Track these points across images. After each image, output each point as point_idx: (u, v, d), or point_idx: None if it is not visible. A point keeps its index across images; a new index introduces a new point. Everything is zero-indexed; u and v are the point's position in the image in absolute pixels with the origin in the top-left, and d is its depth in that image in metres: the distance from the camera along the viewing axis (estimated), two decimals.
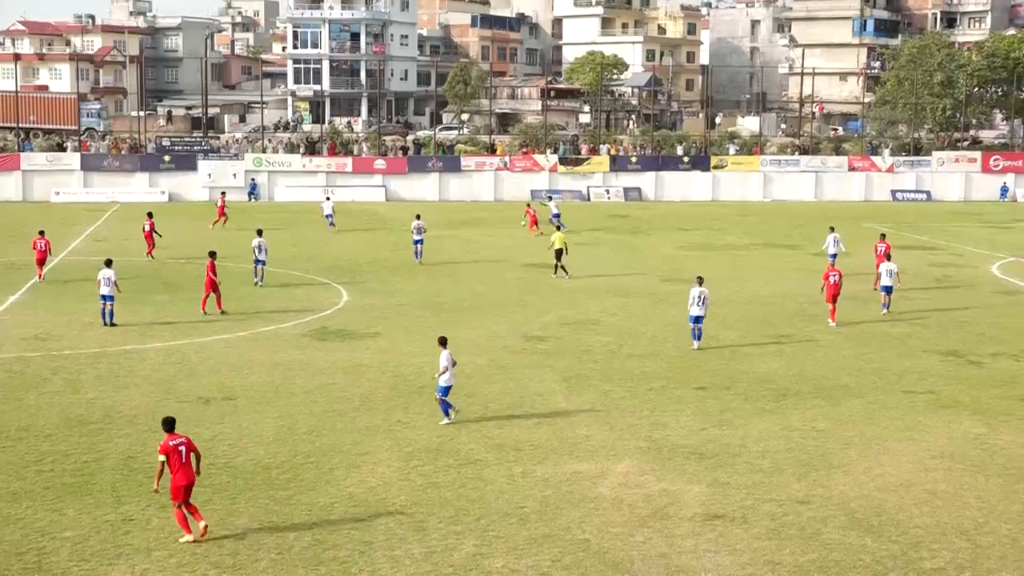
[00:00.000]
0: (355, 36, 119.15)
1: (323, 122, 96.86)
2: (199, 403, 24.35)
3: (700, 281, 30.63)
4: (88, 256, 46.07)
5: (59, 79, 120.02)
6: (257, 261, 40.05)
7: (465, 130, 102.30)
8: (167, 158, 74.46)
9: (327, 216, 58.05)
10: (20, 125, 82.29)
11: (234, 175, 73.90)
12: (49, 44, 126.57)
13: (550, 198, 64.68)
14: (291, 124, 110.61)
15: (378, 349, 29.93)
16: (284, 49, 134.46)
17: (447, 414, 23.09)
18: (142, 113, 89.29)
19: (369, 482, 19.56)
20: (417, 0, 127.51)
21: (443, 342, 23.39)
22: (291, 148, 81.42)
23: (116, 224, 58.82)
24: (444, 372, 22.93)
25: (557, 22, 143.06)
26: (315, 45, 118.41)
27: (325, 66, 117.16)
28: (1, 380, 26.03)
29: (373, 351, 29.66)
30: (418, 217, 47.25)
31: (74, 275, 41.23)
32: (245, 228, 50.17)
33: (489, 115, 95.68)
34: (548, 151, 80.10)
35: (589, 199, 76.40)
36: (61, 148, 77.41)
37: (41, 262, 40.57)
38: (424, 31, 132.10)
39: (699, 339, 30.26)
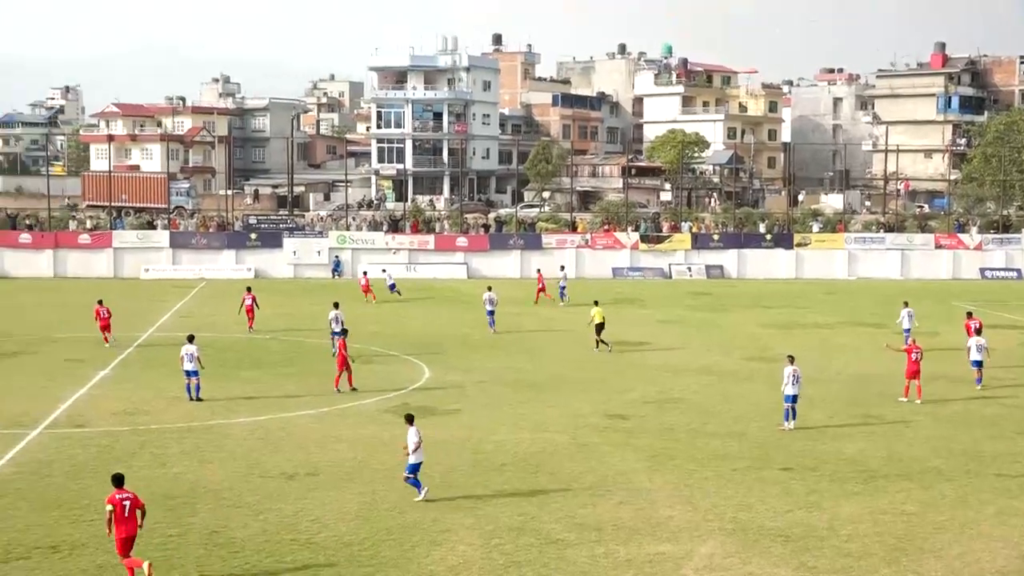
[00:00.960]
0: (438, 116, 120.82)
1: (406, 200, 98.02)
2: (283, 478, 24.48)
3: (791, 360, 30.28)
4: (175, 332, 46.78)
5: (150, 159, 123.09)
6: (334, 333, 40.50)
7: (546, 208, 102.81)
8: (253, 236, 75.72)
9: (390, 286, 61.27)
10: (112, 204, 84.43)
11: (318, 252, 74.91)
12: (141, 125, 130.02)
13: (562, 268, 65.11)
14: (374, 202, 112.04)
15: (459, 425, 29.92)
16: (368, 129, 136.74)
17: (419, 490, 22.82)
18: (230, 192, 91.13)
19: (450, 560, 19.45)
20: (499, 80, 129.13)
21: (410, 419, 23.31)
22: (374, 226, 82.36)
23: (203, 301, 59.77)
24: (416, 449, 22.75)
25: (638, 101, 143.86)
26: (399, 125, 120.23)
27: (408, 145, 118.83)
28: (90, 455, 26.42)
29: (454, 427, 29.65)
30: (489, 289, 48.41)
31: (161, 351, 41.89)
32: (326, 304, 50.63)
33: (570, 193, 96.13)
34: (629, 228, 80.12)
35: (671, 276, 76.15)
36: (151, 226, 79.12)
37: (105, 328, 43.09)
38: (506, 110, 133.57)
39: (793, 419, 29.81)
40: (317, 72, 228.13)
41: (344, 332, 36.39)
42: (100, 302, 44.26)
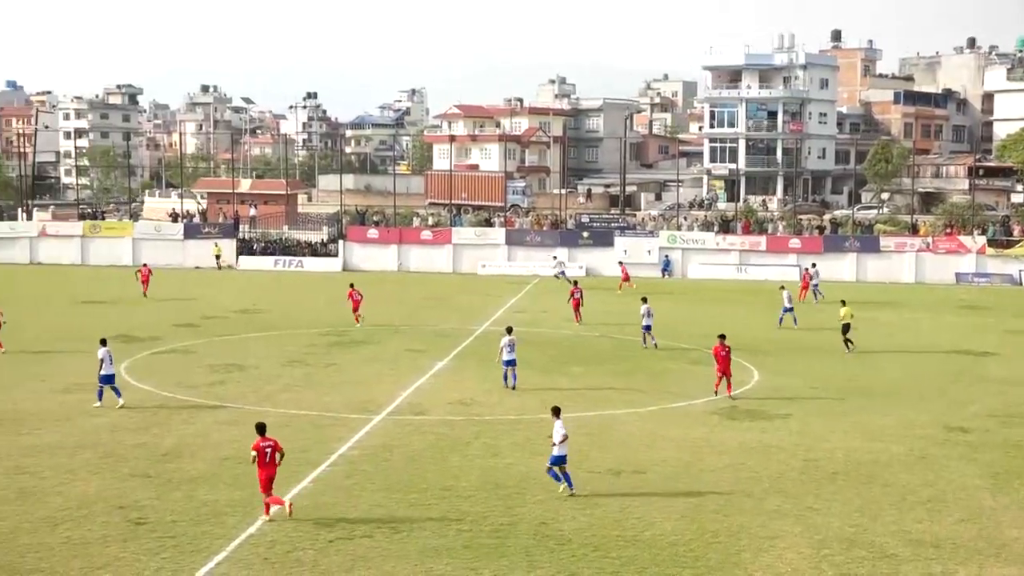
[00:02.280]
0: (772, 115, 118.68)
1: (738, 200, 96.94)
2: (609, 475, 24.73)
3: None
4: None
5: (488, 158, 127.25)
6: (645, 327, 42.61)
7: (885, 209, 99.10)
8: (585, 234, 76.99)
9: (560, 274, 70.15)
10: (452, 202, 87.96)
11: (648, 252, 75.30)
12: (481, 126, 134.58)
13: (814, 265, 63.98)
14: (706, 202, 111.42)
15: (789, 431, 29.29)
16: (701, 128, 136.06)
17: (558, 480, 23.06)
18: (563, 191, 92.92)
19: (778, 568, 19.07)
20: (837, 78, 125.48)
21: (556, 412, 23.70)
22: (705, 226, 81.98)
23: (536, 297, 61.25)
24: (563, 441, 22.93)
25: (987, 97, 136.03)
26: (732, 124, 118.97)
27: (741, 145, 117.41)
28: (428, 442, 27.60)
29: (784, 432, 29.06)
30: (783, 288, 50.60)
31: (495, 345, 43.17)
32: (653, 303, 50.72)
33: (911, 194, 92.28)
34: (975, 232, 76.06)
35: (1021, 284, 71.67)
36: (488, 223, 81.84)
37: (355, 310, 47.85)
38: (844, 108, 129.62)
39: None
40: (651, 72, 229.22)
41: (721, 336, 33.24)
42: (352, 285, 49.63)
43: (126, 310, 52.98)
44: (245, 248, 79.49)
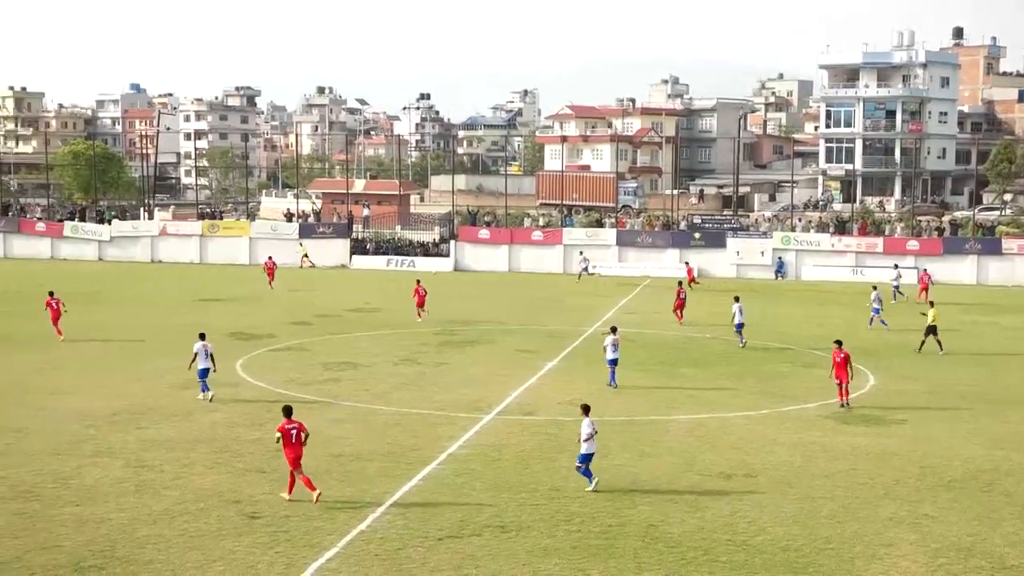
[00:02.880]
0: (890, 114, 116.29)
1: (854, 201, 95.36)
2: (720, 477, 24.49)
3: None
4: (620, 328, 48.03)
5: (600, 159, 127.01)
6: (738, 325, 43.07)
7: (1008, 211, 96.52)
8: (697, 235, 76.39)
9: (583, 270, 71.90)
10: (563, 202, 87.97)
11: (762, 253, 74.41)
12: (593, 126, 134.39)
13: (896, 266, 64.59)
14: (821, 203, 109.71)
15: (905, 436, 28.67)
16: (816, 128, 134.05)
17: (590, 480, 23.22)
18: (675, 191, 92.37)
19: None
20: (958, 76, 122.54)
21: (586, 410, 23.66)
22: (820, 227, 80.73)
23: (646, 298, 60.95)
24: (588, 439, 23.05)
25: None
26: (848, 124, 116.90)
27: (858, 145, 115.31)
28: (537, 442, 27.63)
29: (900, 438, 28.45)
30: (875, 288, 49.95)
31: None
32: (767, 305, 50.24)
33: None
34: None
35: None
36: (599, 224, 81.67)
37: (420, 304, 49.68)
38: (965, 107, 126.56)
39: None
40: (765, 71, 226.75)
41: (838, 343, 32.40)
42: (418, 281, 51.84)
43: (242, 307, 54.04)
44: (358, 248, 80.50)
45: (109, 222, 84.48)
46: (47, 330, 43.00)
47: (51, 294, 44.57)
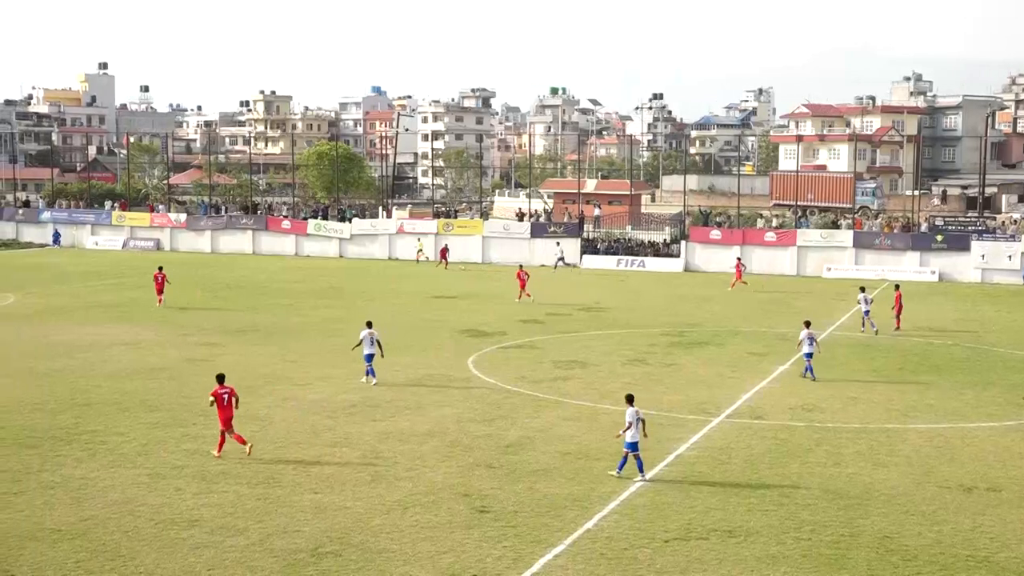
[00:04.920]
0: None
1: None
2: (960, 490, 23.50)
3: None
4: (855, 332, 46.77)
5: (837, 159, 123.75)
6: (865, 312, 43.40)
7: None
8: (939, 237, 73.46)
9: (559, 259, 76.51)
10: (798, 203, 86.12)
11: (1009, 257, 70.94)
12: (830, 125, 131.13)
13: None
14: None
15: None
16: None
17: (641, 470, 23.63)
18: (916, 192, 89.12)
19: None
20: None
21: (630, 400, 24.11)
22: None
23: (885, 302, 58.99)
24: (628, 428, 23.50)
25: None
26: None
27: None
28: (767, 446, 27.15)
29: None
30: (863, 290, 48.01)
31: (841, 350, 42.01)
32: (1014, 312, 47.82)
33: None
34: None
35: None
36: (835, 225, 79.57)
37: (523, 288, 53.38)
38: None
39: None
40: (1017, 66, 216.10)
41: None
42: (520, 266, 57.41)
43: (474, 305, 55.06)
44: (589, 247, 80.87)
45: (350, 220, 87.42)
46: (292, 324, 45.01)
47: (160, 269, 53.36)
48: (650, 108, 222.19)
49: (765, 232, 78.13)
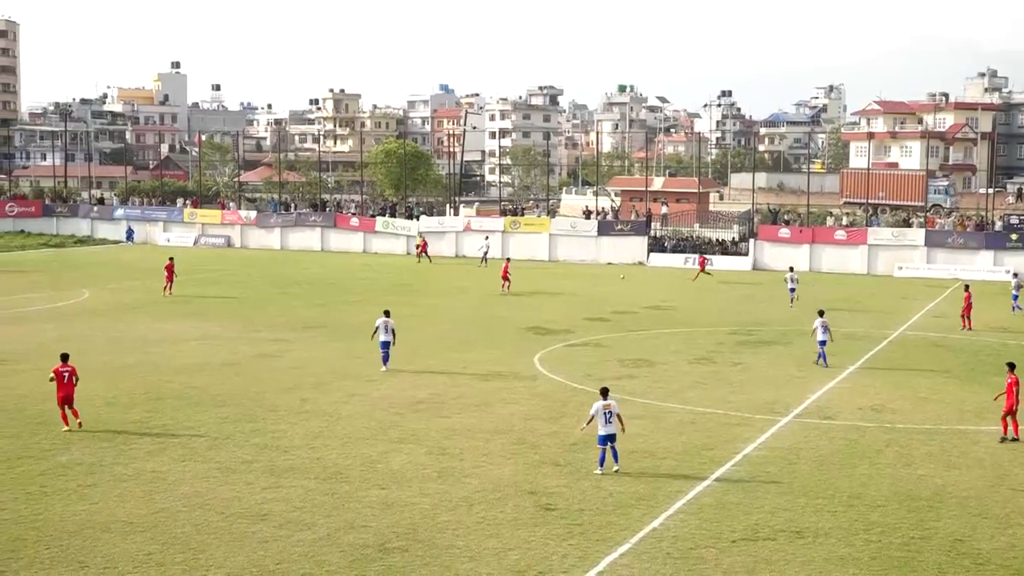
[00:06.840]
0: None
1: None
2: None
3: None
4: (927, 332, 46.16)
5: (909, 156, 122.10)
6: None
7: None
8: (1014, 236, 72.24)
9: (484, 253, 75.21)
10: (869, 201, 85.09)
11: None
12: (902, 122, 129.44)
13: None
14: None
15: None
16: None
17: (616, 460, 24.06)
18: (990, 190, 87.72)
19: None
20: None
21: (604, 393, 24.50)
22: None
23: (957, 301, 58.09)
24: (590, 421, 24.27)
25: None
26: None
27: None
28: (836, 447, 26.86)
29: None
30: (791, 270, 44.02)
31: (911, 350, 41.48)
32: None
33: None
34: None
35: None
36: (907, 224, 78.56)
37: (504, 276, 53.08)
38: None
39: None
40: None
41: None
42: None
43: (540, 302, 55.06)
44: (656, 245, 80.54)
45: (417, 218, 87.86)
46: (360, 321, 45.23)
47: (171, 259, 56.51)
48: (719, 105, 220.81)
49: (835, 230, 77.32)
